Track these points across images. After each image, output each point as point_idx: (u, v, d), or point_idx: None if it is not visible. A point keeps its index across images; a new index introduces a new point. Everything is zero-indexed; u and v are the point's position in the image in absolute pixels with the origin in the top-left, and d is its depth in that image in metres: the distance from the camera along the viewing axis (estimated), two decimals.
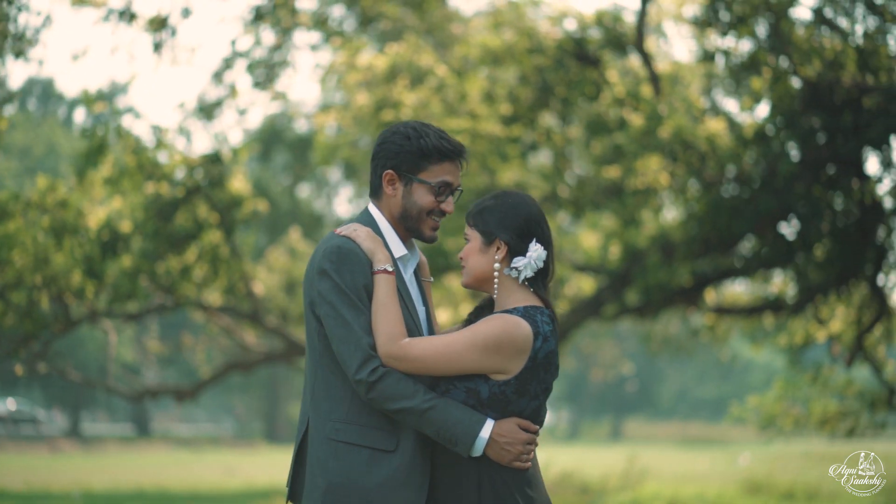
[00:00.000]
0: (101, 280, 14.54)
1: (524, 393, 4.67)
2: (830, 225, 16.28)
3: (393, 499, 4.70)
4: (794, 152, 16.33)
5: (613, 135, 16.57)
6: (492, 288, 4.81)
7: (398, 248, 4.90)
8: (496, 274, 4.77)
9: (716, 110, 17.96)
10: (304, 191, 41.83)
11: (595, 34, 16.75)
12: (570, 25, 16.99)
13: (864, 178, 16.50)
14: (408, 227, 4.91)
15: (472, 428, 4.64)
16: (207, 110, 20.40)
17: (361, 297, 4.71)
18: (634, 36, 16.49)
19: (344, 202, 40.23)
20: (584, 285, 18.57)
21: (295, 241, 18.59)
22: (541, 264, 4.77)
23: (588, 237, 19.26)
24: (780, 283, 19.94)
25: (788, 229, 16.96)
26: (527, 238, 4.77)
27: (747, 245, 17.53)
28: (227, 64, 18.85)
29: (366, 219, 4.93)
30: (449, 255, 16.97)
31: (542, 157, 17.99)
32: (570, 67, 16.47)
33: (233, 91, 19.32)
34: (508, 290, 4.78)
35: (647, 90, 16.86)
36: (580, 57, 16.58)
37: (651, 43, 17.16)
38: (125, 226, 14.68)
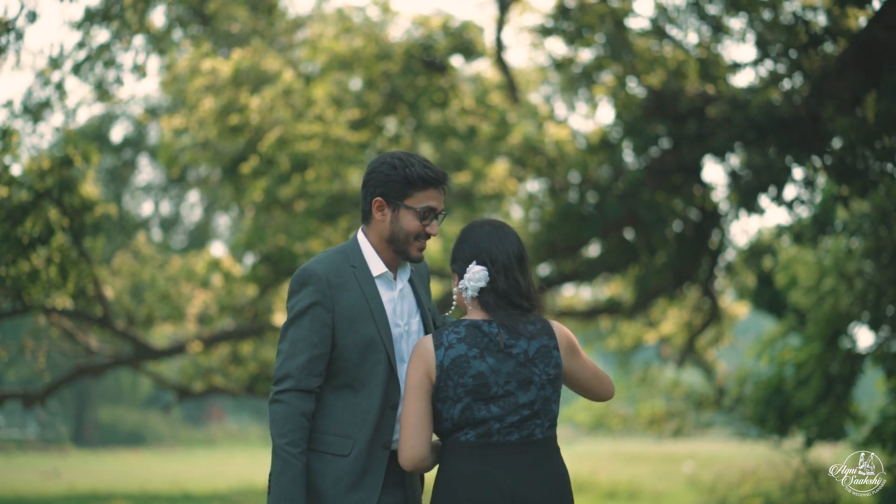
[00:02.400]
0: None
1: (444, 399, 5.12)
2: (673, 231, 16.53)
3: (345, 500, 5.13)
4: (639, 159, 16.51)
5: (452, 141, 16.54)
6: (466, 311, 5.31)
7: (377, 268, 5.30)
8: (454, 298, 5.34)
9: (556, 118, 18.06)
10: (129, 194, 41.03)
11: (443, 41, 16.68)
12: (418, 32, 16.89)
13: (705, 185, 16.80)
14: (396, 249, 5.29)
15: None
16: (35, 111, 19.73)
17: (310, 317, 5.14)
18: (493, 44, 16.49)
19: (169, 205, 39.64)
20: (432, 288, 18.48)
21: (142, 244, 18.23)
22: (481, 283, 5.20)
23: (431, 242, 19.16)
24: (617, 286, 20.18)
25: (632, 234, 17.15)
26: (464, 264, 5.26)
27: (592, 249, 17.69)
28: (56, 64, 18.26)
29: (351, 244, 5.35)
30: None
31: None
32: (418, 73, 16.39)
33: (62, 91, 18.72)
34: (469, 310, 5.27)
35: (495, 97, 16.87)
36: (428, 63, 16.52)
37: (492, 50, 17.14)
38: None
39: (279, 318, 17.93)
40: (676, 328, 20.51)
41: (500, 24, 16.39)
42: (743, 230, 22.21)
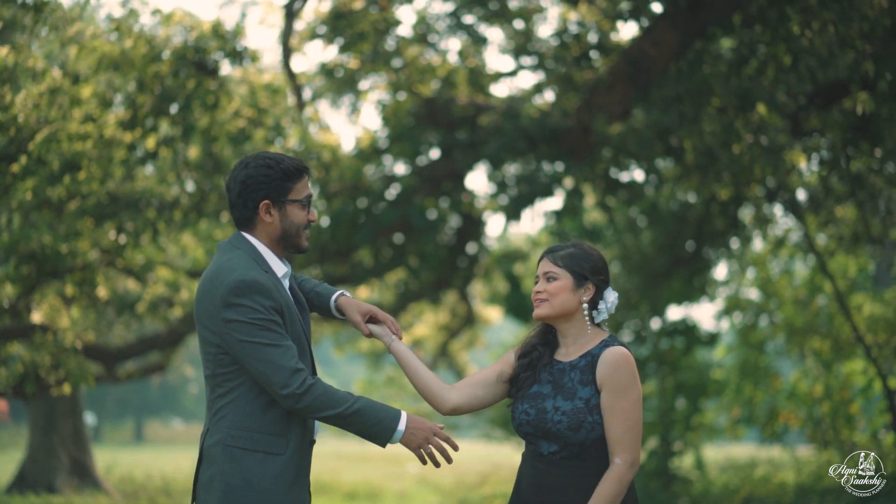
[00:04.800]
0: None
1: None
2: (445, 236, 16.48)
3: (286, 498, 5.14)
4: (409, 166, 16.40)
5: (224, 144, 16.08)
6: (569, 322, 5.34)
7: (280, 268, 5.30)
8: (585, 312, 5.33)
9: (324, 124, 17.77)
10: None
11: (213, 45, 16.17)
12: (190, 35, 16.32)
13: (472, 192, 16.80)
14: (287, 244, 5.32)
15: (390, 424, 5.10)
16: None
17: (273, 319, 5.09)
18: (280, 51, 16.10)
19: None
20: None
21: None
22: (613, 310, 5.41)
23: (192, 243, 18.63)
24: (377, 289, 20.00)
25: (402, 240, 16.99)
26: (606, 283, 5.39)
27: (363, 254, 17.46)
28: None
29: (246, 247, 5.25)
30: None
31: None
32: (189, 76, 15.86)
33: None
34: (586, 324, 5.36)
35: (265, 101, 16.46)
36: (199, 66, 15.99)
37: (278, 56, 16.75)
38: None
39: (37, 318, 17.09)
40: (429, 331, 20.47)
41: (288, 31, 16.00)
42: (497, 237, 22.31)
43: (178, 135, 16.12)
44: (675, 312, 22.11)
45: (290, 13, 15.95)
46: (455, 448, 5.21)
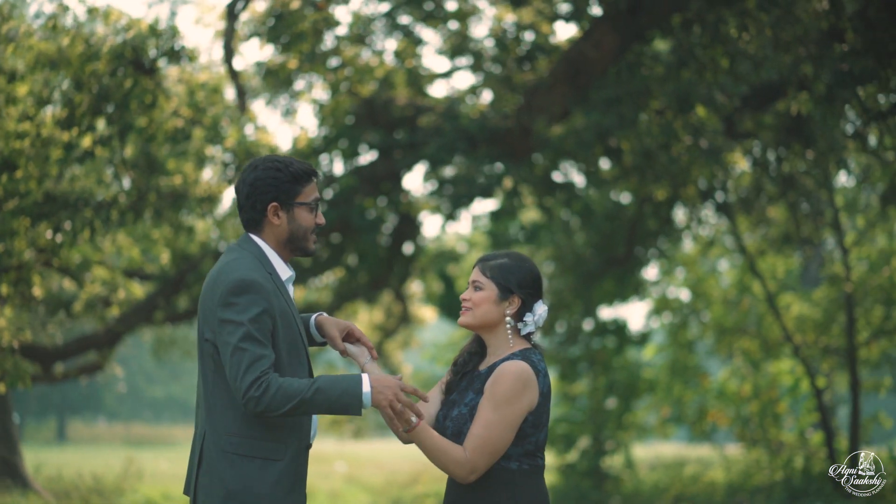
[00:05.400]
0: None
1: (539, 424, 5.13)
2: (384, 236, 16.40)
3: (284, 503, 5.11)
4: (347, 166, 16.28)
5: (162, 144, 15.88)
6: (491, 333, 5.26)
7: (284, 272, 5.29)
8: (508, 325, 5.22)
9: (257, 123, 17.61)
10: None
11: (151, 43, 15.95)
12: (127, 34, 16.09)
13: (409, 192, 16.72)
14: (295, 247, 5.30)
15: (356, 391, 4.94)
16: None
17: (260, 324, 5.03)
18: (222, 52, 15.90)
19: None
20: (135, 290, 17.75)
21: None
22: (542, 323, 5.29)
23: (128, 242, 18.38)
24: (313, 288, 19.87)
25: (339, 239, 16.87)
26: (535, 297, 5.28)
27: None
28: None
29: (254, 249, 5.24)
30: None
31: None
32: (127, 75, 15.64)
33: None
34: (507, 337, 5.25)
35: (202, 100, 16.27)
36: (136, 65, 15.78)
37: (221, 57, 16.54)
38: None
39: None
40: (364, 330, 20.34)
41: (230, 32, 15.81)
42: (433, 237, 22.22)
43: (116, 134, 15.90)
44: (606, 312, 22.22)
45: (232, 14, 15.77)
46: (425, 399, 5.18)
